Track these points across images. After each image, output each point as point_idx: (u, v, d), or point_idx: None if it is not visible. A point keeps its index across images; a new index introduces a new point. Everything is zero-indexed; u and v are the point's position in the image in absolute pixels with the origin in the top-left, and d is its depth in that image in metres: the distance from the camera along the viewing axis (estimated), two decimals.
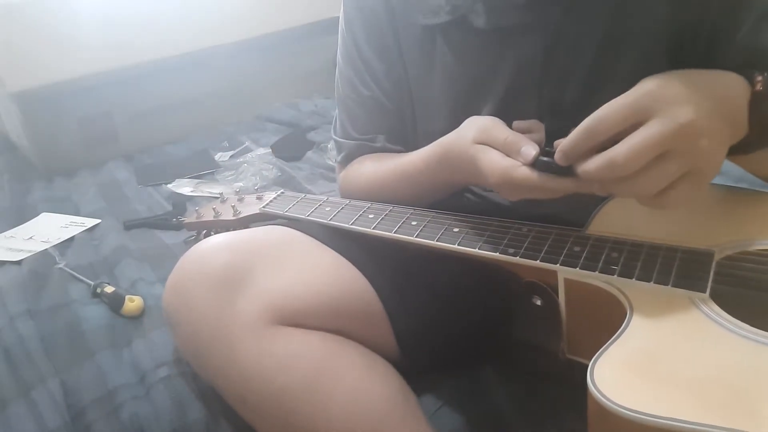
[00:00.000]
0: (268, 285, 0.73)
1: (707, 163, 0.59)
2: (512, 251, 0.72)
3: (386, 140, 0.96)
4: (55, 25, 1.79)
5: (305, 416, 0.69)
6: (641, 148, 0.56)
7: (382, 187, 0.91)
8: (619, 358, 0.55)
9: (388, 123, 0.96)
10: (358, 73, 0.95)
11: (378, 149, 0.97)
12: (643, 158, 0.57)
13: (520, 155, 0.67)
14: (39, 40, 1.77)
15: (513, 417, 0.82)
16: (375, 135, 0.97)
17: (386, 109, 0.95)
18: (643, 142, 0.56)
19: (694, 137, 0.57)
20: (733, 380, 0.52)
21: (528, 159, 0.66)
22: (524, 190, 0.68)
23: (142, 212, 1.54)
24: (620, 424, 0.49)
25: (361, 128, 0.98)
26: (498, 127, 0.72)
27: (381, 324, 0.80)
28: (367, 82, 0.95)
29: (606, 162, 0.58)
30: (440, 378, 0.85)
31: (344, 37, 0.97)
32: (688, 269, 0.64)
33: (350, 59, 0.96)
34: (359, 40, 0.94)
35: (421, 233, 0.79)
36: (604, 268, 0.66)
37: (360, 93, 0.96)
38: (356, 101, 0.97)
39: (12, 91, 1.81)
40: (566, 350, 0.72)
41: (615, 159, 0.57)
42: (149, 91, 2.02)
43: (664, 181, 0.58)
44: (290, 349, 0.70)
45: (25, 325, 1.03)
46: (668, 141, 0.56)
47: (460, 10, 0.83)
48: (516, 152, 0.67)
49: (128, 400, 0.86)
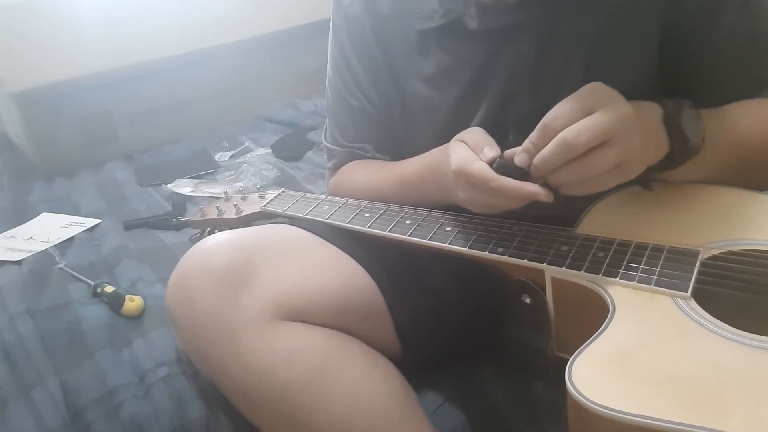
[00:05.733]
0: (271, 281, 0.74)
1: (636, 160, 0.67)
2: (501, 250, 0.73)
3: (374, 149, 0.98)
4: (55, 25, 1.79)
5: (307, 411, 0.70)
6: (590, 128, 0.63)
7: (376, 193, 0.93)
8: (597, 356, 0.56)
9: (376, 132, 0.98)
10: (345, 83, 0.97)
11: (367, 158, 0.98)
12: (591, 138, 0.63)
13: (483, 153, 0.71)
14: (39, 40, 1.77)
15: (513, 415, 0.83)
16: (363, 144, 0.99)
17: (374, 119, 0.97)
18: (592, 124, 0.63)
19: (631, 132, 0.65)
20: (708, 379, 0.53)
21: (488, 157, 0.71)
22: (478, 188, 0.71)
23: (142, 212, 1.54)
24: (596, 421, 0.50)
25: (350, 137, 1.00)
26: (476, 130, 0.76)
27: (382, 320, 0.81)
28: (354, 92, 0.96)
29: (559, 141, 0.64)
30: (441, 376, 0.86)
31: (332, 48, 0.98)
32: (672, 269, 0.65)
33: (338, 69, 0.98)
34: (346, 50, 0.95)
35: (414, 232, 0.80)
36: (589, 268, 0.67)
37: (348, 103, 0.97)
38: (344, 111, 0.99)
39: (12, 91, 1.81)
40: (555, 348, 0.73)
41: (566, 136, 0.64)
42: (149, 91, 2.02)
43: (605, 166, 0.64)
44: (293, 345, 0.71)
45: (25, 325, 1.04)
46: (612, 128, 0.63)
47: (454, 12, 0.83)
48: (480, 150, 0.72)
49: (128, 400, 0.87)
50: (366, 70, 0.94)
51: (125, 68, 1.92)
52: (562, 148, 0.64)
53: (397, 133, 0.96)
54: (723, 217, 0.72)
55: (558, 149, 0.65)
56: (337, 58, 0.98)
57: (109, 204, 1.59)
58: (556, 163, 0.66)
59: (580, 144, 0.63)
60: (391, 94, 0.94)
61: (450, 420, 0.82)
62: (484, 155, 0.71)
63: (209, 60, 2.09)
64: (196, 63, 2.06)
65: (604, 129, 0.63)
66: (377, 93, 0.95)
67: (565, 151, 0.64)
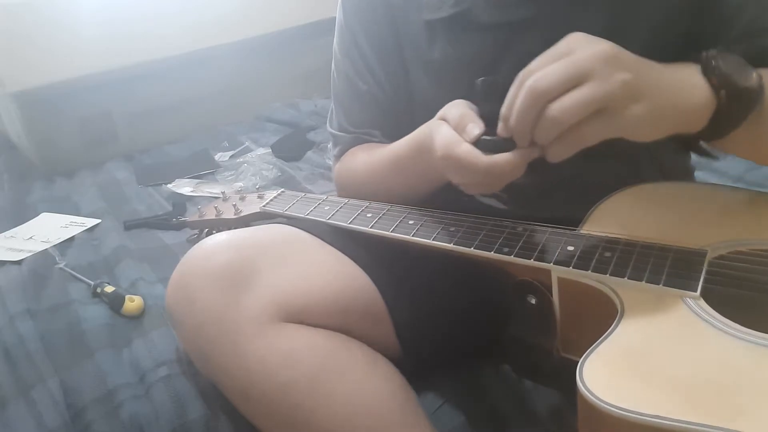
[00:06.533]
0: (272, 282, 0.74)
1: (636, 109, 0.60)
2: (507, 250, 0.72)
3: (382, 135, 0.96)
4: (55, 25, 1.79)
5: (307, 412, 0.70)
6: (556, 69, 0.59)
7: (373, 176, 0.92)
8: (608, 356, 0.56)
9: (384, 118, 0.96)
10: (356, 66, 0.95)
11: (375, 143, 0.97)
12: (557, 79, 0.59)
13: (465, 132, 0.68)
14: (39, 40, 1.78)
15: (513, 416, 0.82)
16: (370, 129, 0.97)
17: (382, 104, 0.95)
18: (559, 65, 0.59)
19: (611, 70, 0.59)
20: (719, 379, 0.52)
21: (471, 136, 0.67)
22: (468, 170, 0.68)
23: (142, 212, 1.54)
24: (608, 421, 0.50)
25: (357, 122, 0.98)
26: (457, 105, 0.73)
27: (382, 320, 0.80)
28: (364, 75, 0.95)
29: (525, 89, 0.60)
30: (441, 377, 0.86)
31: (342, 32, 0.97)
32: (680, 269, 0.64)
33: (348, 53, 0.96)
34: (357, 34, 0.94)
35: (417, 232, 0.80)
36: (596, 267, 0.66)
37: (357, 87, 0.96)
38: (352, 95, 0.97)
39: (12, 91, 1.81)
40: (561, 349, 0.72)
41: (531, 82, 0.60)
42: (149, 91, 2.02)
43: (576, 108, 0.58)
44: (294, 346, 0.71)
45: (25, 325, 1.04)
46: (583, 66, 0.59)
47: (464, 4, 0.82)
48: (462, 128, 0.69)
49: (128, 400, 0.87)
50: (376, 54, 0.93)
51: (125, 68, 1.92)
52: (529, 95, 0.60)
53: (402, 118, 0.95)
54: (730, 217, 0.72)
55: (526, 99, 0.60)
56: (347, 42, 0.96)
57: (109, 204, 1.59)
58: (528, 116, 0.61)
59: (544, 87, 0.59)
60: (401, 80, 0.93)
61: (450, 420, 0.82)
62: (468, 134, 0.68)
63: (209, 60, 2.09)
64: (196, 63, 2.06)
65: (572, 67, 0.59)
66: (387, 77, 0.93)
67: (533, 98, 0.60)
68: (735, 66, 0.66)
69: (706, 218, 0.72)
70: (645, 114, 0.61)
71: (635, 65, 0.62)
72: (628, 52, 0.62)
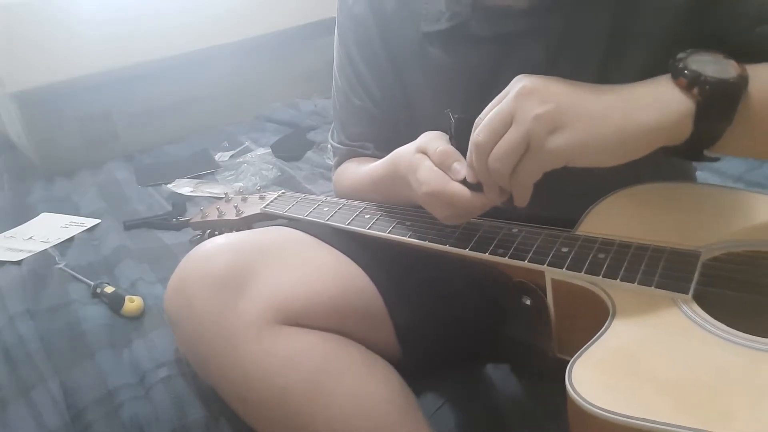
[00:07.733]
0: (270, 285, 0.74)
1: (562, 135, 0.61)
2: (501, 251, 0.73)
3: (375, 148, 0.98)
4: (55, 25, 1.79)
5: (306, 416, 0.70)
6: (485, 121, 0.64)
7: (357, 192, 0.94)
8: (597, 358, 0.56)
9: (378, 131, 0.97)
10: (350, 82, 0.97)
11: (368, 156, 0.98)
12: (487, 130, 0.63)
13: (451, 171, 0.71)
14: (39, 40, 1.78)
15: (513, 417, 0.83)
16: (364, 142, 0.98)
17: (376, 118, 0.96)
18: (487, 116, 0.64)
19: (529, 106, 0.61)
20: (709, 381, 0.52)
21: (458, 175, 0.70)
22: (454, 207, 0.71)
23: (142, 212, 1.54)
24: (596, 424, 0.50)
25: (352, 135, 1.00)
26: (435, 138, 0.75)
27: (382, 322, 0.81)
28: (357, 91, 0.96)
29: (471, 144, 0.66)
30: (440, 378, 0.86)
31: (338, 49, 0.98)
32: (673, 270, 0.64)
33: (343, 70, 0.98)
34: (351, 51, 0.95)
35: (413, 234, 0.80)
36: (589, 269, 0.67)
37: (352, 102, 0.97)
38: (348, 110, 0.99)
39: (12, 91, 1.81)
40: (556, 349, 0.73)
41: (472, 137, 0.65)
42: (149, 91, 2.02)
43: (505, 152, 0.62)
44: (292, 349, 0.71)
45: (25, 325, 1.04)
46: (505, 110, 0.62)
47: (461, 16, 0.81)
48: (447, 167, 0.72)
49: (128, 401, 0.87)
50: (370, 69, 0.94)
51: (125, 68, 1.92)
52: (475, 149, 0.65)
53: (401, 132, 0.95)
54: (724, 219, 0.72)
55: (474, 153, 0.66)
56: (342, 58, 0.97)
57: (109, 204, 1.59)
58: (482, 168, 0.66)
59: (482, 140, 0.64)
60: (396, 93, 0.93)
61: (450, 422, 0.82)
62: (454, 173, 0.71)
63: (209, 60, 2.09)
64: (196, 63, 2.06)
65: (498, 114, 0.62)
66: (381, 92, 0.94)
67: (478, 152, 0.65)
68: (707, 62, 0.64)
69: (701, 219, 0.72)
70: (571, 142, 0.62)
71: (560, 95, 0.63)
72: (560, 82, 0.64)
